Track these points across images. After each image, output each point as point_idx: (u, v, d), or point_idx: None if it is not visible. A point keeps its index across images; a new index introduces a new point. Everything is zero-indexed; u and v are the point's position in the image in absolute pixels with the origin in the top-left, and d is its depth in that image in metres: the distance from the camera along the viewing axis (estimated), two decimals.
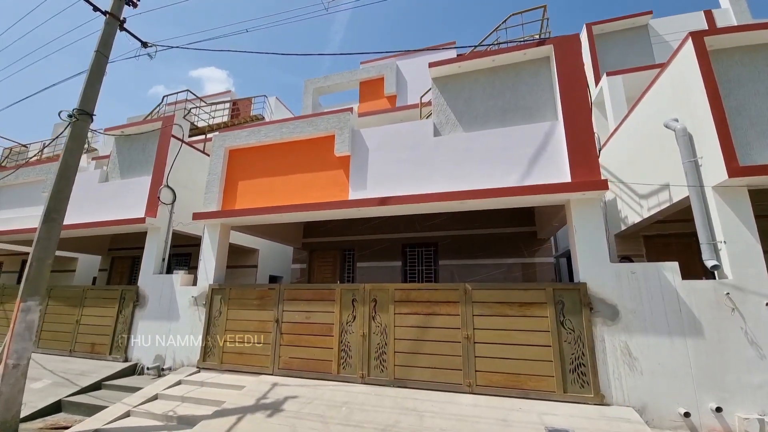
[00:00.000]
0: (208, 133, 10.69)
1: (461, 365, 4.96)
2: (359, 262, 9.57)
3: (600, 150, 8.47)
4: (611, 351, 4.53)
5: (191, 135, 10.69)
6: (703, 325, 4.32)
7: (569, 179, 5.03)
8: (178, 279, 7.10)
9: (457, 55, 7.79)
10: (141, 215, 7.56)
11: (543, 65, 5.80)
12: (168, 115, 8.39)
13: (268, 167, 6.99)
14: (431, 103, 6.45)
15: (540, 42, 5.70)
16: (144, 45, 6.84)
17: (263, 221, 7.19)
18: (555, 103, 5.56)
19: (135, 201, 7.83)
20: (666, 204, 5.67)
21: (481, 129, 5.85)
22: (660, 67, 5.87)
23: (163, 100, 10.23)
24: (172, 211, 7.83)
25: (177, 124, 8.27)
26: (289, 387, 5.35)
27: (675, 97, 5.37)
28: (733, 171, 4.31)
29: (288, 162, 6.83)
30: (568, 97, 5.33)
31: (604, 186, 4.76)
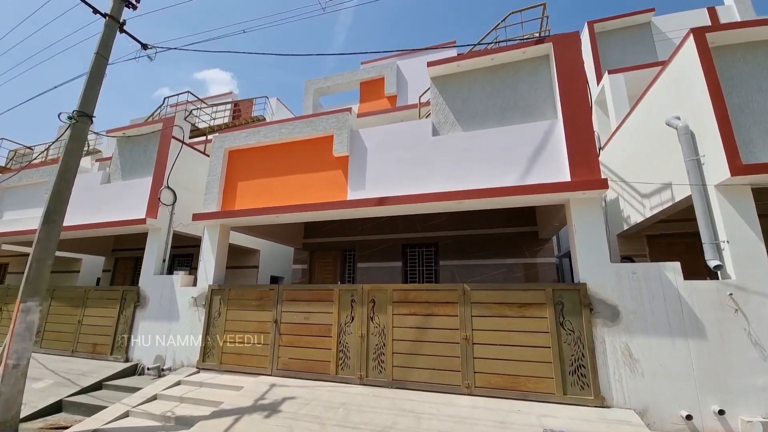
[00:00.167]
0: (209, 135, 10.72)
1: (460, 366, 4.92)
2: (360, 262, 9.55)
3: (600, 149, 8.38)
4: (612, 352, 4.47)
5: (193, 136, 10.74)
6: (706, 326, 4.24)
7: (569, 178, 4.98)
8: (178, 279, 7.13)
9: (458, 54, 7.74)
10: (142, 216, 7.60)
11: (542, 63, 5.74)
12: (168, 117, 8.43)
13: (267, 168, 7.00)
14: (430, 103, 6.42)
15: (539, 40, 5.65)
16: (144, 47, 6.88)
17: (262, 222, 7.20)
18: (554, 102, 5.51)
19: (136, 202, 7.88)
20: (668, 203, 5.59)
21: (480, 128, 5.80)
22: (662, 65, 5.79)
23: (165, 101, 10.29)
24: (172, 212, 7.86)
25: (177, 125, 8.31)
26: (288, 388, 5.34)
27: (677, 95, 5.29)
28: (736, 169, 4.23)
29: (287, 162, 6.83)
30: (567, 96, 5.28)
31: (603, 185, 4.70)
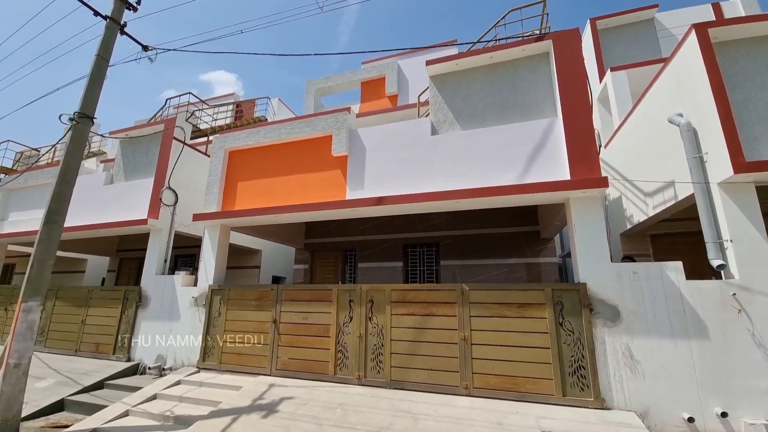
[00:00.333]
0: (211, 136, 10.79)
1: (458, 367, 4.88)
2: (361, 262, 9.53)
3: (601, 147, 8.29)
4: (612, 353, 4.40)
5: (195, 137, 10.81)
6: (709, 327, 4.16)
7: (569, 177, 4.91)
8: (179, 280, 7.17)
9: (458, 53, 7.69)
10: (143, 216, 7.66)
11: (542, 61, 5.68)
12: (170, 118, 8.48)
13: (267, 168, 7.01)
14: (429, 102, 6.39)
15: (538, 37, 5.59)
16: (144, 48, 6.92)
17: (261, 222, 7.21)
18: (554, 100, 5.44)
19: (138, 203, 7.94)
20: (671, 202, 5.50)
21: (479, 127, 5.76)
22: (665, 62, 5.69)
23: (167, 103, 10.37)
24: (174, 213, 7.91)
25: (179, 126, 8.36)
26: (286, 388, 5.34)
27: (679, 92, 5.20)
28: (739, 167, 4.14)
29: (286, 163, 6.84)
30: (567, 93, 5.21)
31: (603, 183, 4.63)
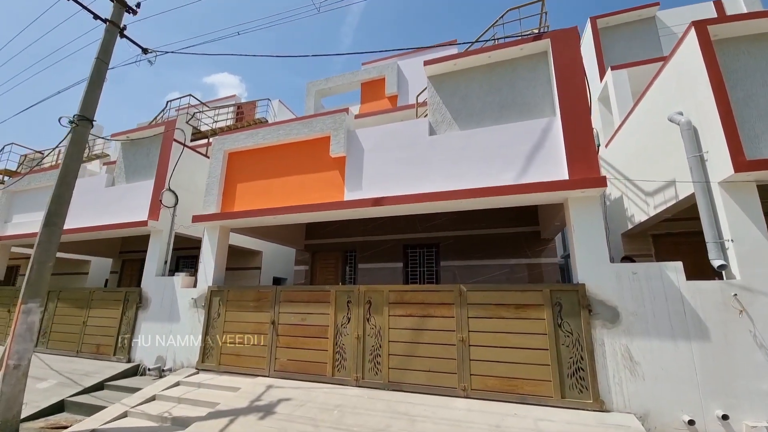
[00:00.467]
0: (211, 138, 10.83)
1: (456, 368, 4.85)
2: (361, 263, 9.52)
3: (599, 146, 8.21)
4: (611, 355, 4.35)
5: (195, 139, 10.86)
6: (709, 328, 4.10)
7: (567, 177, 4.87)
8: (179, 281, 7.19)
9: (457, 52, 7.66)
10: (144, 218, 7.69)
11: (540, 60, 5.64)
12: (170, 120, 8.53)
13: (266, 169, 7.02)
14: (427, 103, 6.37)
15: (537, 36, 5.55)
16: (144, 51, 6.97)
17: (260, 223, 7.23)
18: (553, 99, 5.40)
19: (139, 204, 7.98)
20: (672, 201, 5.44)
21: (478, 127, 5.72)
22: (665, 60, 5.64)
23: (167, 105, 10.44)
24: (174, 214, 7.94)
25: (179, 128, 8.40)
26: (284, 389, 5.33)
27: (679, 90, 5.15)
28: (740, 165, 4.09)
29: (285, 164, 6.85)
30: (565, 92, 5.17)
31: (602, 183, 4.58)
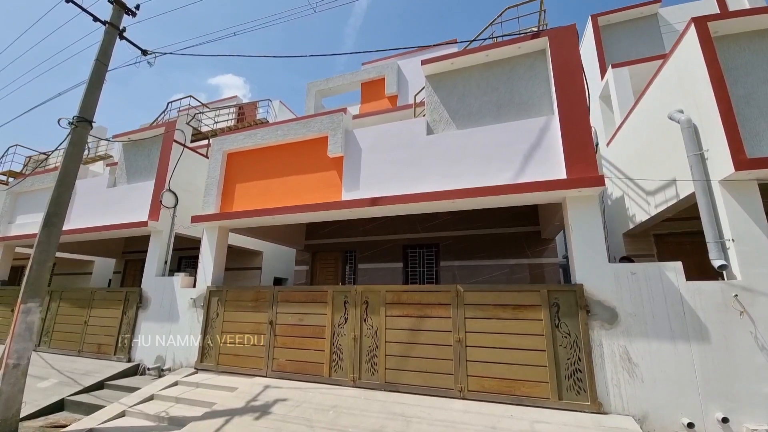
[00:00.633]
0: (212, 138, 10.88)
1: (452, 369, 4.81)
2: (361, 263, 9.51)
3: (597, 145, 8.13)
4: (609, 356, 4.29)
5: (196, 140, 10.91)
6: (710, 330, 4.03)
7: (565, 176, 4.82)
8: (178, 281, 7.22)
9: (454, 51, 7.62)
10: (144, 219, 7.74)
11: (538, 58, 5.59)
12: (170, 121, 8.57)
13: (264, 170, 7.03)
14: (425, 102, 6.34)
15: (534, 34, 5.50)
16: (144, 53, 7.02)
17: (258, 223, 7.24)
18: (551, 97, 5.35)
19: (139, 205, 8.03)
20: (673, 201, 5.36)
21: (475, 126, 5.68)
22: (665, 57, 5.56)
23: (168, 106, 10.50)
24: (174, 215, 7.98)
25: (179, 129, 8.45)
26: (281, 389, 5.33)
27: (680, 88, 5.07)
28: (740, 164, 4.02)
29: (284, 164, 6.85)
30: (563, 91, 5.12)
31: (600, 182, 4.52)
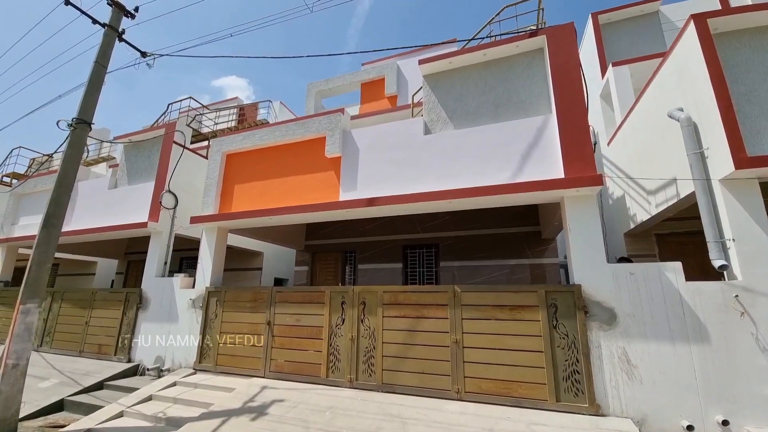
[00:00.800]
0: (212, 139, 10.92)
1: (449, 371, 4.78)
2: (360, 264, 9.49)
3: (595, 144, 8.06)
4: (608, 358, 4.24)
5: (197, 141, 10.96)
6: (710, 331, 3.97)
7: (563, 175, 4.78)
8: (177, 282, 7.24)
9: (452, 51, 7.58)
10: (144, 220, 7.77)
11: (536, 57, 5.55)
12: (171, 122, 8.61)
13: (263, 170, 7.03)
14: (422, 102, 6.31)
15: (532, 33, 5.46)
16: (143, 54, 7.05)
17: (256, 224, 7.25)
18: (549, 96, 5.31)
19: (140, 206, 8.07)
20: (673, 200, 5.29)
21: (473, 125, 5.65)
22: (665, 55, 5.50)
23: (168, 107, 10.56)
24: (174, 216, 8.01)
25: (179, 130, 8.48)
26: (278, 390, 5.32)
27: (680, 86, 5.01)
28: (741, 162, 3.95)
29: (282, 165, 6.85)
30: (561, 89, 5.08)
31: (598, 182, 4.47)
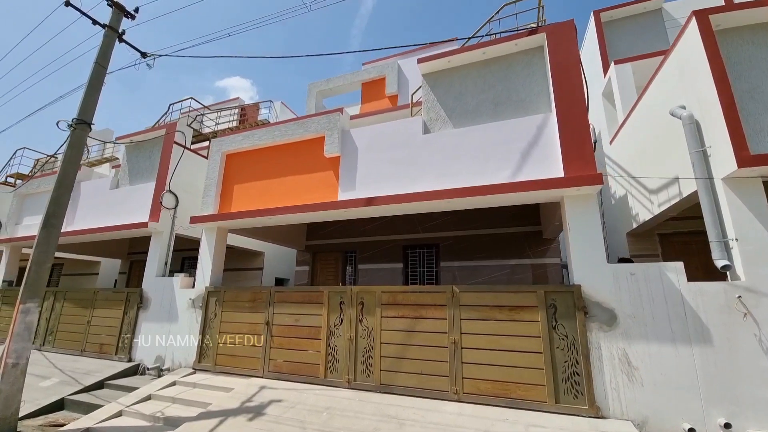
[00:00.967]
0: (211, 139, 10.96)
1: (448, 371, 4.74)
2: (361, 264, 9.48)
3: (595, 143, 7.98)
4: (608, 359, 4.19)
5: (198, 141, 10.99)
6: (712, 332, 3.91)
7: (563, 174, 4.73)
8: (177, 281, 7.26)
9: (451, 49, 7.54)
10: (145, 220, 7.80)
11: (536, 55, 5.50)
12: (171, 123, 8.64)
13: (262, 170, 7.03)
14: (421, 101, 6.28)
15: (532, 31, 5.41)
16: (143, 55, 7.08)
17: (256, 224, 7.25)
18: (548, 95, 5.26)
19: (141, 206, 8.09)
20: (676, 199, 5.22)
21: (472, 124, 5.61)
22: (667, 52, 5.42)
23: (169, 108, 10.60)
24: (174, 216, 8.03)
25: (179, 131, 8.51)
26: (276, 390, 5.31)
27: (682, 83, 4.94)
28: (743, 160, 3.88)
29: (281, 165, 6.85)
30: (561, 87, 5.03)
31: (598, 180, 4.42)
